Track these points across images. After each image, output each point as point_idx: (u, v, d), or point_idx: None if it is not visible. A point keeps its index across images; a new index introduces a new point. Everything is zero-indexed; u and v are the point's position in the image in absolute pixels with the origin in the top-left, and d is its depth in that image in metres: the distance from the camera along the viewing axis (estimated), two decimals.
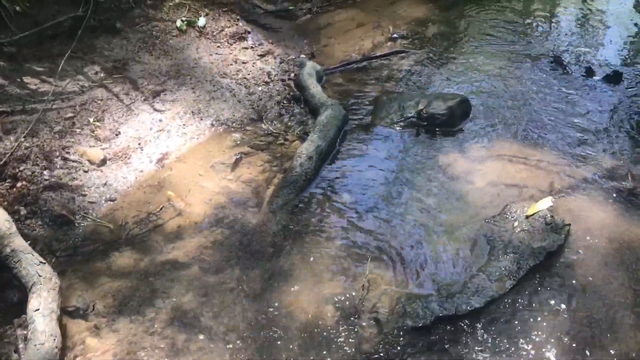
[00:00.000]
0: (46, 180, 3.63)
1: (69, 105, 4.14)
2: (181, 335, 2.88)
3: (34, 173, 3.62)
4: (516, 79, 4.94)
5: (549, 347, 2.79)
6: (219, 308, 3.01)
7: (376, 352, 2.79)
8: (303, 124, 4.42)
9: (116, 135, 4.07)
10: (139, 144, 4.05)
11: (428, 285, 3.14)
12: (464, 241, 3.38)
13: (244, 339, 2.86)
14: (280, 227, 3.50)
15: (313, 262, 3.27)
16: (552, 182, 3.77)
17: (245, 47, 5.20)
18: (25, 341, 2.73)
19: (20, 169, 3.61)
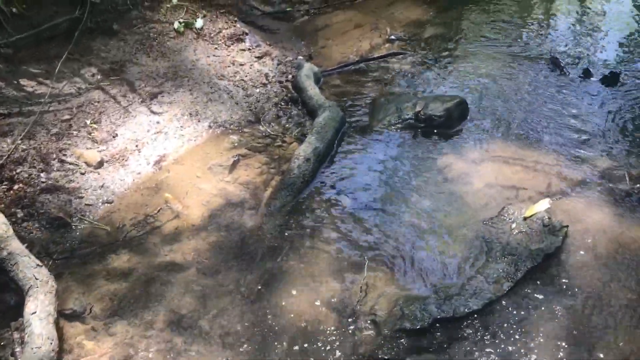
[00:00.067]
0: (43, 182, 3.62)
1: (65, 107, 4.13)
2: (178, 338, 2.88)
3: (30, 175, 3.62)
4: (514, 80, 4.94)
5: (547, 349, 2.79)
6: (216, 310, 3.01)
7: (374, 355, 2.79)
8: (301, 126, 4.41)
9: (113, 137, 4.06)
10: (136, 146, 4.04)
11: (426, 287, 3.14)
12: (462, 243, 3.38)
13: (241, 341, 2.86)
14: (278, 230, 3.50)
15: (310, 264, 3.26)
16: (550, 184, 3.77)
17: (242, 49, 5.19)
18: (22, 344, 2.73)
19: (17, 171, 3.61)
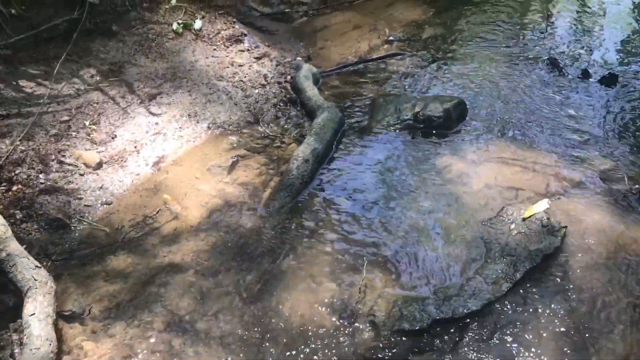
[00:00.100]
0: (42, 183, 3.62)
1: (64, 108, 4.13)
2: (177, 339, 2.87)
3: (29, 176, 3.62)
4: (512, 81, 4.95)
5: (546, 350, 2.79)
6: (215, 312, 3.00)
7: (373, 356, 2.79)
8: (299, 127, 4.41)
9: (112, 138, 4.06)
10: (135, 147, 4.04)
11: (425, 288, 3.14)
12: (461, 244, 3.38)
13: (240, 342, 2.85)
14: (277, 230, 3.50)
15: (309, 265, 3.26)
16: (549, 185, 3.77)
17: (241, 50, 5.19)
18: (21, 346, 2.72)
19: (16, 172, 3.61)
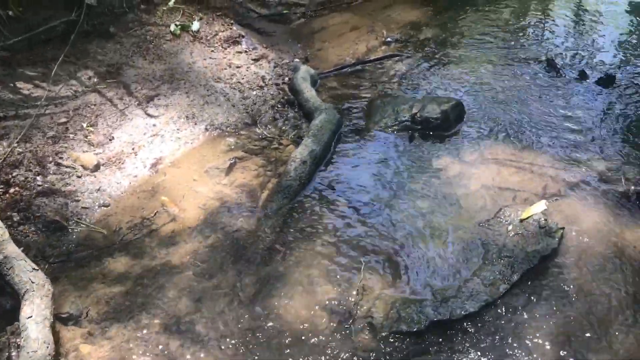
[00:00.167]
0: (39, 185, 3.61)
1: (62, 110, 4.13)
2: (175, 341, 2.87)
3: (27, 179, 3.61)
4: (510, 82, 4.95)
5: (543, 351, 2.79)
6: (213, 314, 3.00)
7: (371, 358, 2.79)
8: (297, 128, 4.41)
9: (110, 140, 4.06)
10: (133, 149, 4.04)
11: (422, 289, 3.14)
12: (458, 245, 3.38)
13: (238, 344, 2.85)
14: (275, 232, 3.49)
15: (307, 267, 3.26)
16: (546, 186, 3.78)
17: (239, 51, 5.19)
18: (18, 349, 2.72)
19: (13, 174, 3.60)
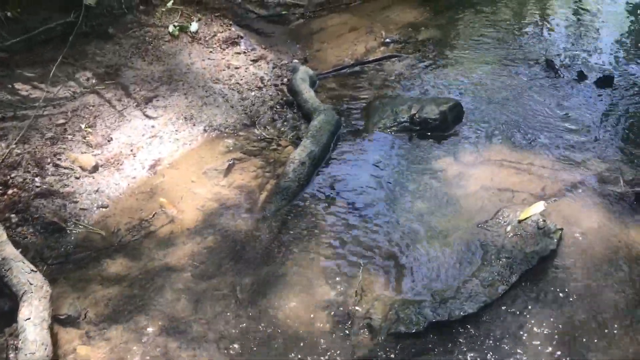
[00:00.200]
0: (37, 187, 3.61)
1: (60, 111, 4.13)
2: (173, 342, 2.87)
3: (25, 180, 3.61)
4: (508, 82, 4.96)
5: (542, 352, 2.79)
6: (211, 315, 3.00)
7: (369, 359, 2.78)
8: (296, 129, 4.41)
9: (108, 141, 4.05)
10: (131, 150, 4.04)
11: (421, 291, 3.13)
12: (457, 246, 3.38)
13: (236, 346, 2.85)
14: (273, 234, 3.49)
15: (306, 269, 3.26)
16: (545, 187, 3.77)
17: (237, 52, 5.19)
18: (16, 350, 2.71)
19: (12, 175, 3.60)
